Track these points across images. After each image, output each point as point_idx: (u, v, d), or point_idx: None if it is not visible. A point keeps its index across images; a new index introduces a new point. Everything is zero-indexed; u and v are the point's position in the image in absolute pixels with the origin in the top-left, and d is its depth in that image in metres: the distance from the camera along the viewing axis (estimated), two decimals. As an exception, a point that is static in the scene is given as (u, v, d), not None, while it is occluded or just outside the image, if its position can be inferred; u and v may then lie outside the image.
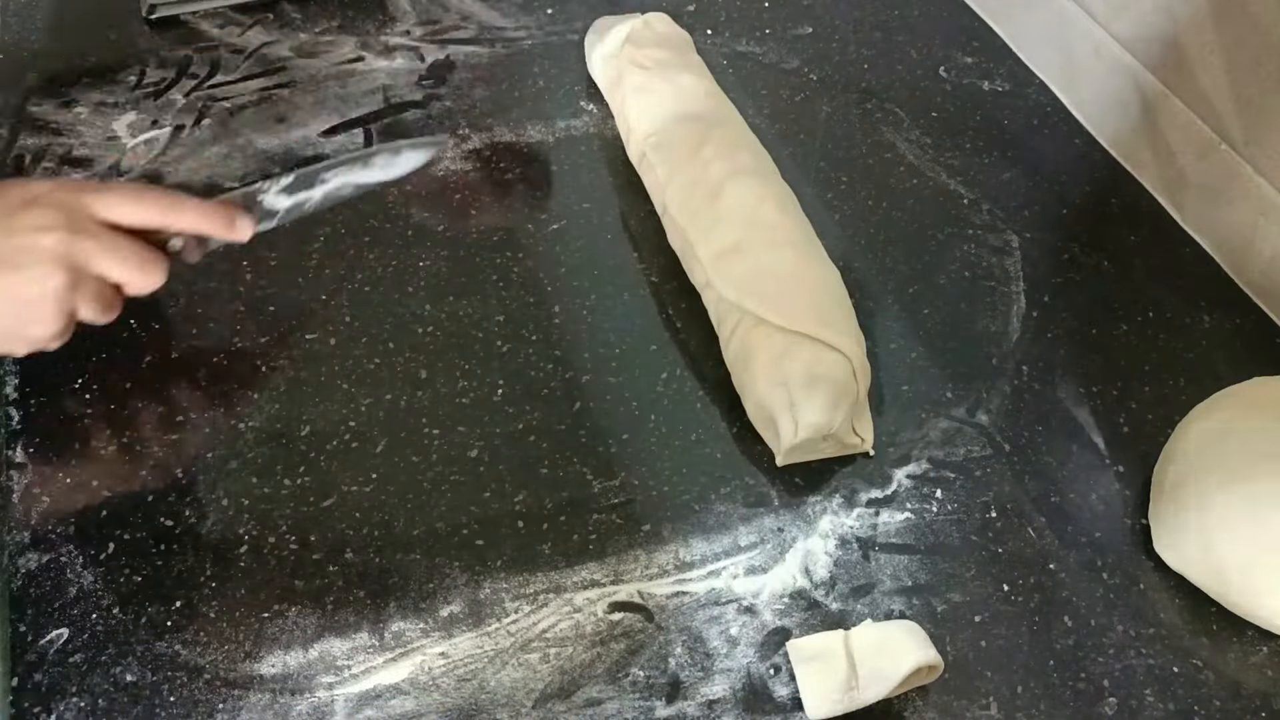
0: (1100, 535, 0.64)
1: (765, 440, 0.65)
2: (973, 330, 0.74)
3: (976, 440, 0.68)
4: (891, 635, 0.55)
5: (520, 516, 0.63)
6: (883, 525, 0.63)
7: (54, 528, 0.60)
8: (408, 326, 0.72)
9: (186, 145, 0.83)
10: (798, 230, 0.70)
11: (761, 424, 0.65)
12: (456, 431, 0.66)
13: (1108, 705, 0.57)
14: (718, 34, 0.97)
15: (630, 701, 0.56)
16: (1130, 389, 0.71)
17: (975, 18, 1.01)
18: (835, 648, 0.55)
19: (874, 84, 0.93)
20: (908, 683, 0.55)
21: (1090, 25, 0.89)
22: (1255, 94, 0.75)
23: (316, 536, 0.61)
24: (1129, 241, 0.81)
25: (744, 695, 0.56)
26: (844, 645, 0.55)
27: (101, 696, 0.55)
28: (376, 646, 0.57)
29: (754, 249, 0.68)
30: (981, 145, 0.88)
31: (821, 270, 0.68)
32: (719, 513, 0.63)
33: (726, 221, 0.69)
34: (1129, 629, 0.60)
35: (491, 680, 0.56)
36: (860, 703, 0.54)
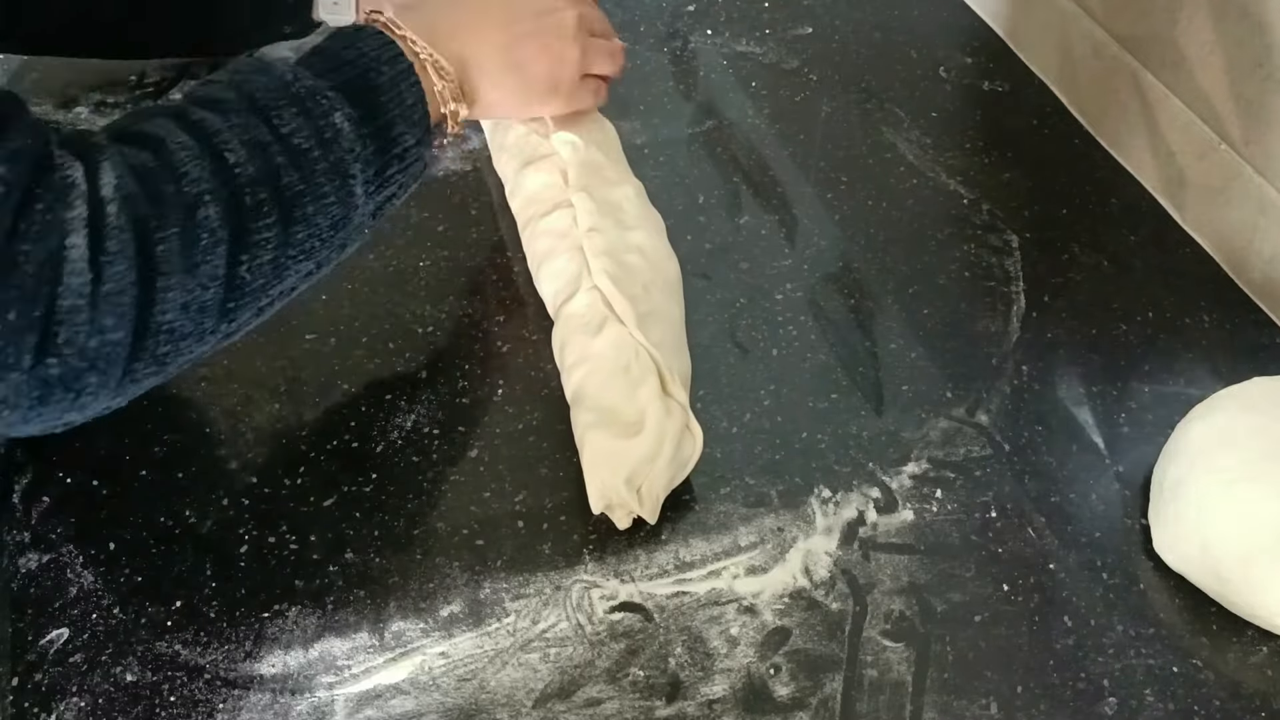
0: (1100, 535, 0.64)
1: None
2: (973, 330, 0.74)
3: (976, 440, 0.68)
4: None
5: (520, 516, 0.63)
6: (883, 525, 0.63)
7: (54, 528, 0.60)
8: (408, 326, 0.72)
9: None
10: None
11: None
12: (456, 431, 0.66)
13: (1108, 705, 0.57)
14: (718, 34, 0.97)
15: (630, 701, 0.56)
16: (1130, 389, 0.71)
17: (975, 18, 1.01)
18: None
19: (874, 84, 0.93)
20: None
21: (1090, 25, 0.89)
22: (1255, 94, 0.75)
23: (316, 536, 0.61)
24: (1129, 241, 0.81)
25: (744, 695, 0.56)
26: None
27: (101, 696, 0.55)
28: (376, 646, 0.57)
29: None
30: (981, 145, 0.88)
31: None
32: (719, 513, 0.63)
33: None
34: (1129, 629, 0.60)
35: (491, 680, 0.56)
36: None
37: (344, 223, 0.57)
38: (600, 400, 0.62)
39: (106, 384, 0.50)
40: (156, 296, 0.50)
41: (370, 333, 0.71)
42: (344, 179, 0.56)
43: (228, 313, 0.53)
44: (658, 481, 0.60)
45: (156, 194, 0.50)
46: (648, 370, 0.62)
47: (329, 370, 0.69)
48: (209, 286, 0.51)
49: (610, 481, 0.60)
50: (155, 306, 0.50)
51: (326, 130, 0.55)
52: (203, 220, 0.51)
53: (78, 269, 0.47)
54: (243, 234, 0.52)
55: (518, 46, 0.66)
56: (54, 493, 0.62)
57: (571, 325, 0.66)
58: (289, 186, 0.54)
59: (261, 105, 0.55)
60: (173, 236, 0.50)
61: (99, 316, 0.48)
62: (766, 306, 0.75)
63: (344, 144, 0.56)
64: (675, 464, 0.61)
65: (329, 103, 0.56)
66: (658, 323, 0.65)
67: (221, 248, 0.51)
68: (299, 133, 0.55)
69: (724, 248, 0.78)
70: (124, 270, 0.48)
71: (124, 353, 0.49)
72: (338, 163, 0.56)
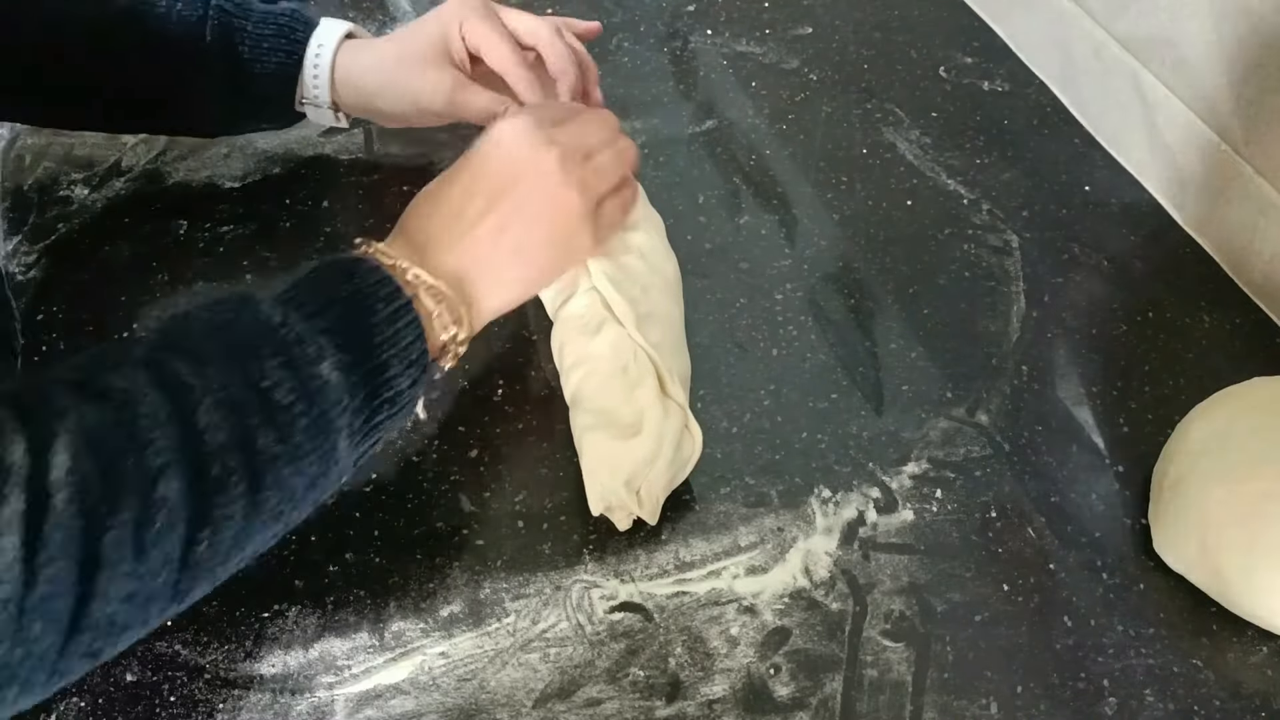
0: (1100, 535, 0.64)
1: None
2: (973, 330, 0.74)
3: (976, 440, 0.68)
4: None
5: (520, 516, 0.63)
6: (883, 525, 0.63)
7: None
8: (408, 326, 0.71)
9: (186, 145, 0.83)
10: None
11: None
12: (456, 431, 0.66)
13: (1108, 705, 0.57)
14: (718, 34, 0.97)
15: (630, 701, 0.56)
16: (1130, 389, 0.71)
17: (975, 18, 1.01)
18: None
19: (874, 84, 0.93)
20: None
21: (1090, 25, 0.88)
22: (1255, 94, 0.75)
23: (316, 536, 0.61)
24: (1129, 241, 0.81)
25: (744, 695, 0.56)
26: None
27: (101, 696, 0.55)
28: (376, 646, 0.57)
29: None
30: (981, 145, 0.88)
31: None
32: (719, 513, 0.63)
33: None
34: (1129, 629, 0.60)
35: (491, 680, 0.56)
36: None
37: (321, 480, 0.51)
38: (599, 402, 0.62)
39: (29, 692, 0.43)
40: (96, 593, 0.42)
41: (370, 333, 0.71)
42: (327, 434, 0.50)
43: (178, 595, 0.46)
44: (657, 483, 0.60)
45: (114, 471, 0.43)
46: (646, 371, 0.62)
47: (329, 370, 0.69)
48: (159, 573, 0.44)
49: (610, 483, 0.60)
50: (93, 603, 0.42)
51: (313, 382, 0.49)
52: (161, 499, 0.43)
53: (6, 575, 0.39)
54: (204, 510, 0.45)
55: (509, 227, 0.58)
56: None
57: (570, 326, 0.66)
58: (263, 450, 0.47)
59: (242, 354, 0.48)
60: (125, 523, 0.42)
61: (27, 625, 0.40)
62: (766, 306, 0.75)
63: (331, 396, 0.50)
64: (675, 465, 0.61)
65: (318, 350, 0.50)
66: (657, 324, 0.65)
67: (179, 529, 0.44)
68: (281, 386, 0.48)
69: (724, 248, 0.78)
70: (63, 570, 0.41)
71: (51, 657, 0.42)
72: (321, 417, 0.49)
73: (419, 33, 0.73)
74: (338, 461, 0.51)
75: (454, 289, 0.56)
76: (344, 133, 0.84)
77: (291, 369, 0.49)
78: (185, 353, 0.47)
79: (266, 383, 0.48)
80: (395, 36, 0.75)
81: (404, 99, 0.73)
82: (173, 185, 0.80)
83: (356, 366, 0.51)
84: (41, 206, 0.77)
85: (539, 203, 0.59)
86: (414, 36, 0.73)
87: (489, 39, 0.71)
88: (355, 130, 0.85)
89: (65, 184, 0.80)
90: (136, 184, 0.80)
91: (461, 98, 0.72)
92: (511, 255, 0.59)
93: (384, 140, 0.85)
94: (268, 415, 0.47)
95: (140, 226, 0.77)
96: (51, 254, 0.75)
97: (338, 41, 0.74)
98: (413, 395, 0.54)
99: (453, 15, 0.72)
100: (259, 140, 0.83)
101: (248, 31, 0.72)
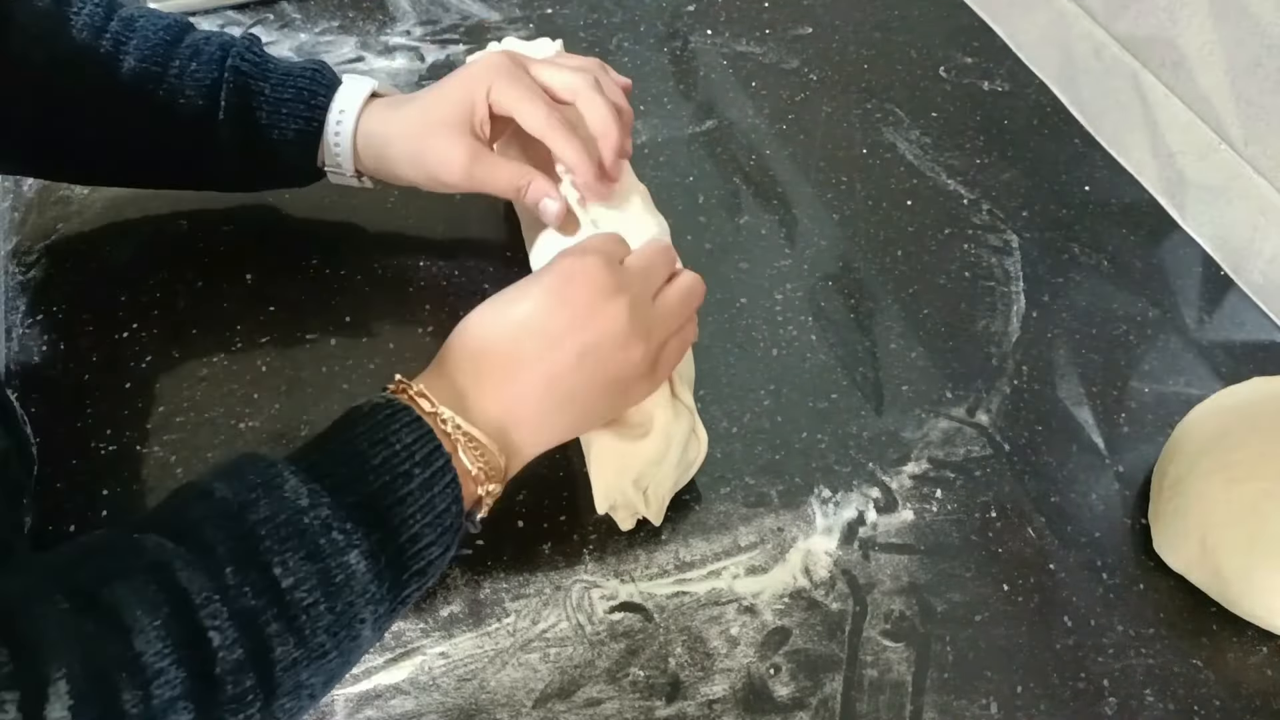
0: (1100, 535, 0.64)
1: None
2: (973, 330, 0.74)
3: (976, 440, 0.68)
4: None
5: (520, 516, 0.63)
6: (883, 525, 0.63)
7: (54, 527, 0.60)
8: (408, 327, 0.71)
9: (186, 145, 0.83)
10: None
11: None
12: (456, 431, 0.66)
13: (1108, 705, 0.57)
14: (718, 34, 0.97)
15: (630, 701, 0.56)
16: (1130, 389, 0.71)
17: (975, 18, 1.01)
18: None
19: (874, 84, 0.93)
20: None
21: (1090, 25, 0.89)
22: (1255, 94, 0.75)
23: (316, 536, 0.61)
24: (1129, 241, 0.81)
25: (744, 695, 0.56)
26: None
27: (101, 696, 0.55)
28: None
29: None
30: (981, 145, 0.88)
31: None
32: (719, 513, 0.63)
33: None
34: (1129, 629, 0.60)
35: (491, 680, 0.56)
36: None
37: (342, 671, 0.48)
38: None
39: None
40: None
41: (370, 333, 0.71)
42: (350, 627, 0.47)
43: None
44: (664, 484, 0.60)
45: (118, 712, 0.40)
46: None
47: (329, 370, 0.69)
48: None
49: (617, 482, 0.60)
50: None
51: (337, 574, 0.46)
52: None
53: None
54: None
55: (566, 377, 0.54)
56: (54, 492, 0.62)
57: None
58: (281, 659, 0.44)
59: (261, 549, 0.45)
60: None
61: None
62: (766, 306, 0.75)
63: (356, 588, 0.46)
64: (681, 466, 0.61)
65: (345, 538, 0.46)
66: None
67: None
68: (303, 585, 0.45)
69: (724, 248, 0.78)
70: None
71: None
72: (345, 611, 0.46)
73: (444, 99, 0.67)
74: (361, 648, 0.48)
75: (496, 439, 0.52)
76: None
77: (316, 561, 0.45)
78: (199, 549, 0.44)
79: (288, 581, 0.44)
80: (420, 99, 0.69)
81: (422, 171, 0.68)
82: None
83: (386, 547, 0.48)
84: (41, 206, 0.77)
85: (603, 355, 0.55)
86: (438, 103, 0.67)
87: (520, 103, 0.66)
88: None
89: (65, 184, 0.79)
90: (136, 184, 0.80)
91: (480, 174, 0.67)
92: (563, 403, 0.55)
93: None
94: (288, 620, 0.44)
95: (140, 226, 0.77)
96: (51, 254, 0.74)
97: (360, 106, 0.69)
98: (444, 561, 0.51)
99: (480, 80, 0.66)
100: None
101: (265, 95, 0.68)
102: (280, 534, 0.45)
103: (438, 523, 0.49)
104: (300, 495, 0.46)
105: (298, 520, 0.46)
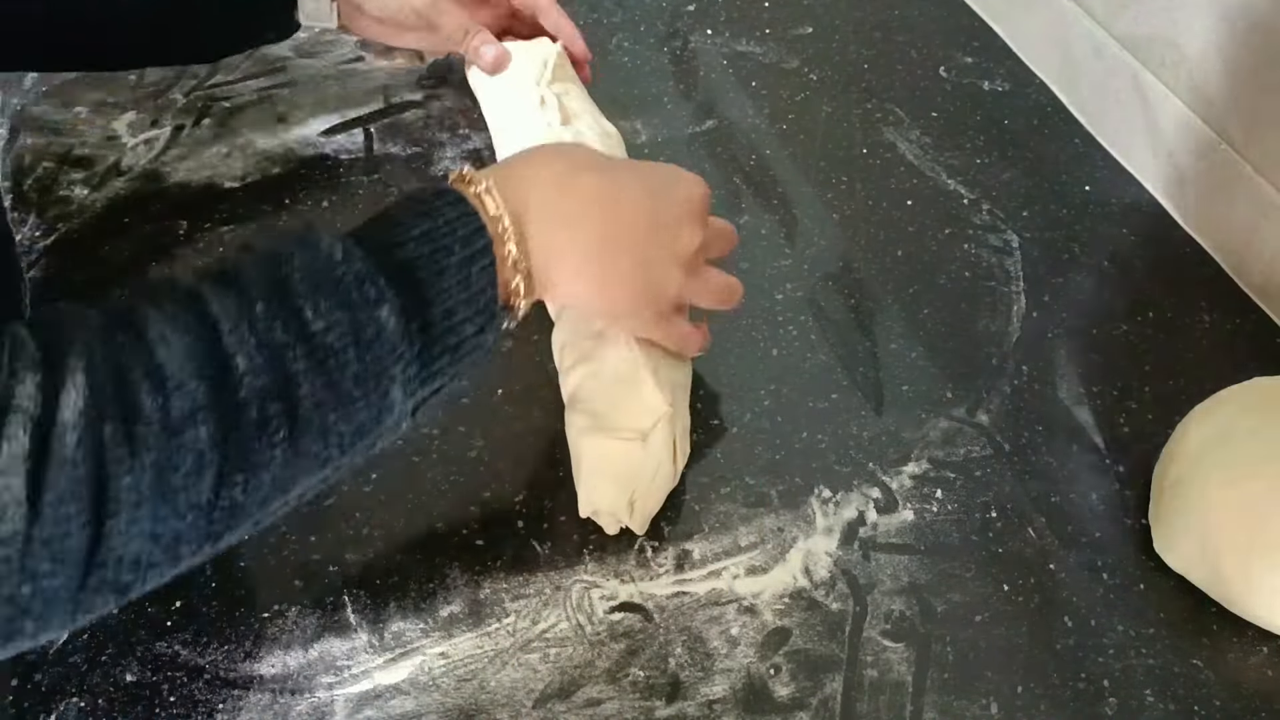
0: (1100, 535, 0.64)
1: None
2: (973, 330, 0.74)
3: (976, 440, 0.68)
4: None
5: (520, 516, 0.63)
6: (883, 525, 0.63)
7: (54, 528, 0.60)
8: (408, 326, 0.71)
9: (186, 145, 0.83)
10: None
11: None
12: (456, 431, 0.66)
13: (1108, 705, 0.57)
14: (718, 34, 0.97)
15: (630, 701, 0.56)
16: (1130, 389, 0.71)
17: (975, 18, 1.01)
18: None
19: (874, 84, 0.93)
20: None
21: (1090, 25, 0.88)
22: (1255, 94, 0.75)
23: (316, 536, 0.61)
24: (1129, 241, 0.81)
25: (744, 695, 0.56)
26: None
27: (101, 697, 0.55)
28: (376, 646, 0.57)
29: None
30: (981, 145, 0.88)
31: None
32: (719, 513, 0.63)
33: None
34: (1129, 629, 0.60)
35: (491, 680, 0.56)
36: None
37: (373, 427, 0.48)
38: (597, 404, 0.62)
39: (46, 627, 0.42)
40: (113, 533, 0.41)
41: (370, 333, 0.71)
42: (379, 382, 0.47)
43: (212, 536, 0.44)
44: (651, 497, 0.61)
45: (134, 412, 0.41)
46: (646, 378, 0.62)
47: (329, 370, 0.69)
48: (186, 515, 0.42)
49: (606, 490, 0.60)
50: (111, 542, 0.41)
51: (368, 327, 0.47)
52: (188, 443, 0.42)
53: (10, 514, 0.39)
54: (239, 455, 0.43)
55: (617, 251, 0.57)
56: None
57: (572, 328, 0.66)
58: (308, 396, 0.45)
59: (295, 292, 0.46)
60: (145, 467, 0.41)
61: (34, 564, 0.39)
62: (766, 306, 0.75)
63: (386, 343, 0.47)
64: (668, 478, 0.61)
65: (377, 293, 0.47)
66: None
67: (208, 473, 0.42)
68: (333, 330, 0.46)
69: (724, 248, 0.78)
70: (72, 511, 0.40)
71: (66, 595, 0.41)
72: (374, 364, 0.47)
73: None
74: (391, 410, 0.49)
75: (540, 260, 0.54)
76: (344, 132, 0.84)
77: (348, 310, 0.46)
78: (234, 287, 0.45)
79: (318, 324, 0.45)
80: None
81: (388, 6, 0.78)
82: (173, 185, 0.80)
83: (419, 313, 0.48)
84: (41, 206, 0.77)
85: (654, 260, 0.58)
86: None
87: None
88: (355, 130, 0.85)
89: (65, 184, 0.80)
90: (136, 184, 0.80)
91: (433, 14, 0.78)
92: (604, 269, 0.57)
93: (384, 140, 0.85)
94: (316, 360, 0.45)
95: (140, 226, 0.77)
96: (51, 254, 0.74)
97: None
98: (479, 344, 0.52)
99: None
100: (259, 140, 0.83)
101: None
102: (314, 280, 0.46)
103: (474, 300, 0.51)
104: (336, 250, 0.48)
105: (331, 270, 0.47)
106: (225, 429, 0.43)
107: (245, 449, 0.43)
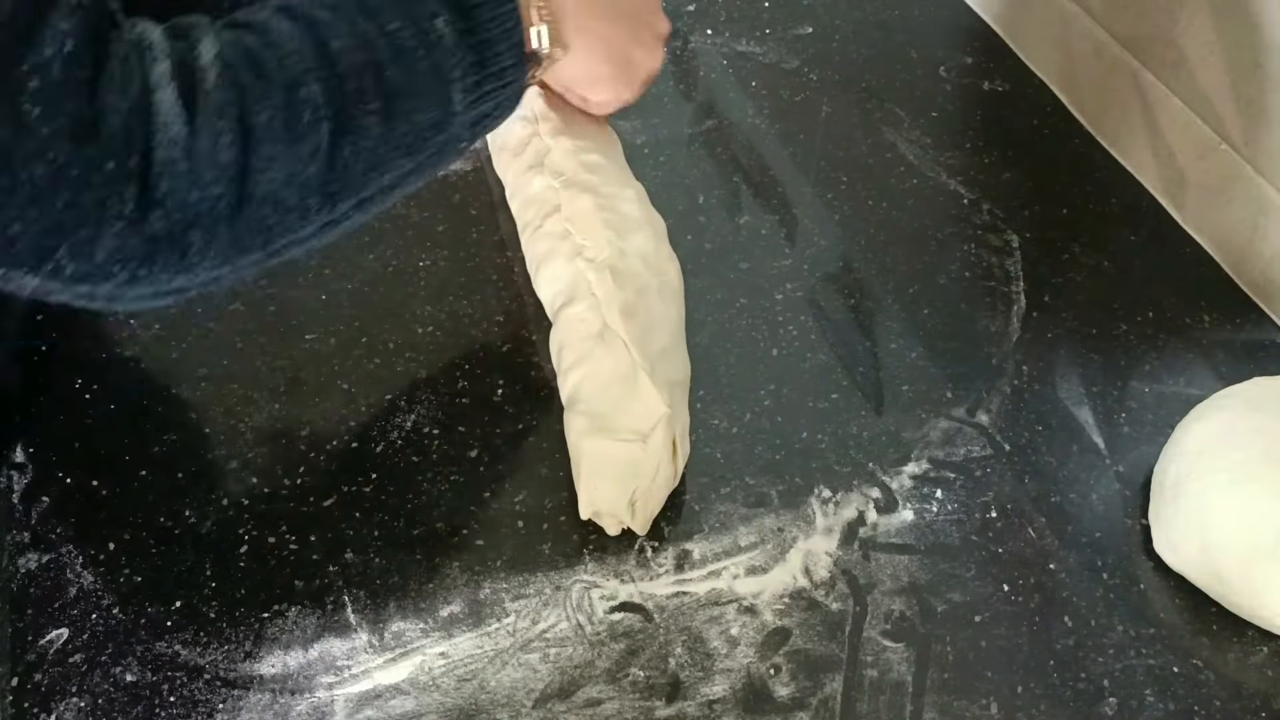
0: (1100, 535, 0.64)
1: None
2: (973, 330, 0.74)
3: (976, 440, 0.68)
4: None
5: (520, 516, 0.63)
6: (883, 525, 0.63)
7: (54, 528, 0.61)
8: (408, 326, 0.72)
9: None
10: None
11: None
12: (456, 431, 0.66)
13: (1108, 705, 0.57)
14: (718, 34, 0.97)
15: (630, 701, 0.56)
16: (1130, 389, 0.71)
17: (975, 18, 1.01)
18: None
19: (874, 84, 0.93)
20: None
21: (1090, 25, 0.89)
22: (1255, 94, 0.75)
23: (316, 536, 0.61)
24: (1129, 241, 0.81)
25: (744, 695, 0.56)
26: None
27: (101, 696, 0.55)
28: (376, 646, 0.57)
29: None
30: (981, 145, 0.88)
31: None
32: (719, 513, 0.63)
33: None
34: (1129, 629, 0.60)
35: (491, 680, 0.56)
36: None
37: (443, 126, 0.57)
38: (596, 405, 0.62)
39: (212, 243, 0.50)
40: (257, 161, 0.50)
41: (370, 333, 0.71)
42: (444, 82, 0.56)
43: (330, 195, 0.53)
44: (653, 498, 0.61)
45: (259, 67, 0.50)
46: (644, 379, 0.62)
47: (329, 370, 0.69)
48: (311, 162, 0.52)
49: (607, 491, 0.60)
50: (256, 171, 0.50)
51: (430, 33, 0.56)
52: (306, 97, 0.51)
53: (170, 119, 0.47)
54: (345, 116, 0.52)
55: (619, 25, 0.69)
56: (54, 493, 0.62)
57: (570, 329, 0.66)
58: (391, 80, 0.54)
59: (368, 6, 0.55)
60: (274, 107, 0.50)
61: (197, 169, 0.48)
62: (766, 306, 0.75)
63: (445, 47, 0.56)
64: (669, 479, 0.61)
65: (433, 10, 0.56)
66: (656, 331, 0.65)
67: (324, 125, 0.52)
68: (402, 31, 0.55)
69: (724, 248, 0.78)
70: (222, 128, 0.48)
71: (227, 211, 0.50)
72: (438, 65, 0.56)
73: None
74: (455, 114, 0.57)
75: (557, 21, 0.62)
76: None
77: (411, 21, 0.55)
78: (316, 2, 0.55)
79: (392, 26, 0.55)
80: None
81: None
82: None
83: (467, 33, 0.57)
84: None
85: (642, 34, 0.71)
86: None
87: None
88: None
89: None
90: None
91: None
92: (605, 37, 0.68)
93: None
94: (394, 52, 0.54)
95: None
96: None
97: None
98: (515, 75, 0.60)
99: None
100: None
101: None
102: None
103: (507, 36, 0.59)
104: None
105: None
106: (331, 91, 0.52)
107: (350, 111, 0.53)
